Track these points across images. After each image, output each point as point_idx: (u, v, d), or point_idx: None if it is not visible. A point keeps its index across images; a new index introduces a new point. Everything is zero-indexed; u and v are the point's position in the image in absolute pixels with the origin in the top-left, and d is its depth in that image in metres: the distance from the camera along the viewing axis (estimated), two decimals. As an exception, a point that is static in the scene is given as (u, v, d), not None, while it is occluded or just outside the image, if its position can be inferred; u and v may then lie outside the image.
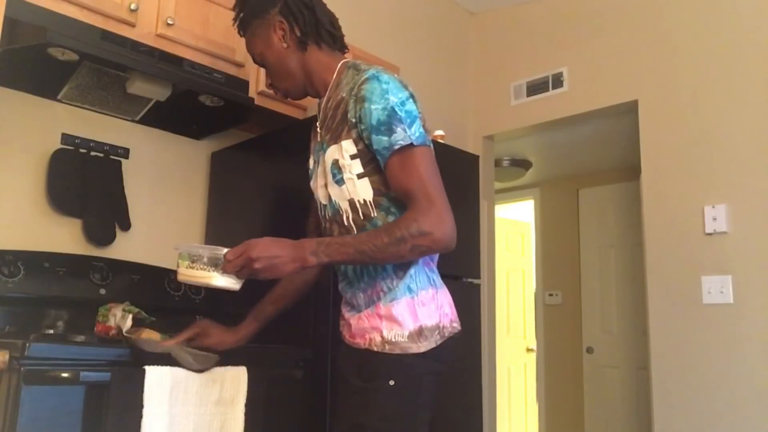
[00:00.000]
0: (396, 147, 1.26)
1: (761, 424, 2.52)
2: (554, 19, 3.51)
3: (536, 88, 3.51)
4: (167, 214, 2.40)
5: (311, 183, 1.50)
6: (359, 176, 1.32)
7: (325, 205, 1.42)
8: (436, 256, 1.40)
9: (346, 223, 1.36)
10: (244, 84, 2.25)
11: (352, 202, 1.34)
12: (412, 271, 1.32)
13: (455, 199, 2.47)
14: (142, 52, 1.96)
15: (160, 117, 2.28)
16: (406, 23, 3.46)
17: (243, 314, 2.23)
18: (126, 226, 2.24)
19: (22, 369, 1.33)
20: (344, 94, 1.35)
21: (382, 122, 1.26)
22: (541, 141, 4.20)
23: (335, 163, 1.34)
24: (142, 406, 1.42)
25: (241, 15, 1.47)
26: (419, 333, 1.28)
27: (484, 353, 3.28)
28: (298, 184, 2.13)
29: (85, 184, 2.13)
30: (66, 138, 2.13)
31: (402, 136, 1.26)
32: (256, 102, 2.23)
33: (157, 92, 2.04)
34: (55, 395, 1.37)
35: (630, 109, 3.15)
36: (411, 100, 1.31)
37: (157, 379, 1.45)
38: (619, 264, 4.52)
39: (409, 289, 1.31)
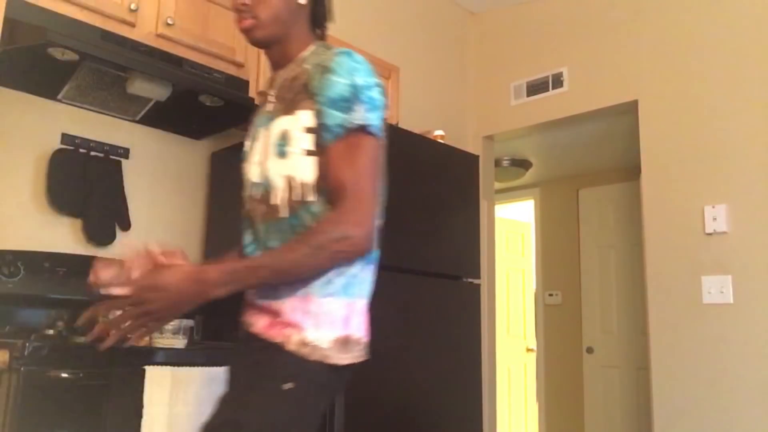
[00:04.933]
0: (351, 126, 1.13)
1: (761, 424, 2.52)
2: (554, 19, 3.51)
3: (536, 88, 3.51)
4: (167, 214, 2.40)
5: (244, 165, 1.35)
6: (308, 153, 1.16)
7: (255, 183, 1.26)
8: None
9: (276, 202, 1.18)
10: (244, 84, 2.25)
11: (289, 180, 1.17)
12: (354, 270, 1.16)
13: (455, 199, 2.48)
14: (142, 52, 1.96)
15: (160, 117, 2.28)
16: (406, 23, 3.46)
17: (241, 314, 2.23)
18: (126, 226, 2.24)
19: (22, 369, 1.33)
20: (307, 66, 1.23)
21: (343, 97, 1.14)
22: (541, 141, 4.20)
23: (283, 134, 1.19)
24: (142, 406, 1.42)
25: None
26: (345, 342, 1.12)
27: (484, 353, 3.28)
28: (298, 184, 2.13)
29: (85, 184, 2.13)
30: (66, 138, 2.13)
31: (361, 116, 1.14)
32: (256, 102, 2.23)
33: (157, 92, 2.04)
34: (55, 395, 1.37)
35: (630, 109, 3.15)
36: (378, 89, 1.19)
37: (157, 379, 1.46)
38: (619, 264, 4.52)
39: (348, 291, 1.15)
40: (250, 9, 1.24)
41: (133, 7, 1.96)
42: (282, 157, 1.18)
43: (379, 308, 1.81)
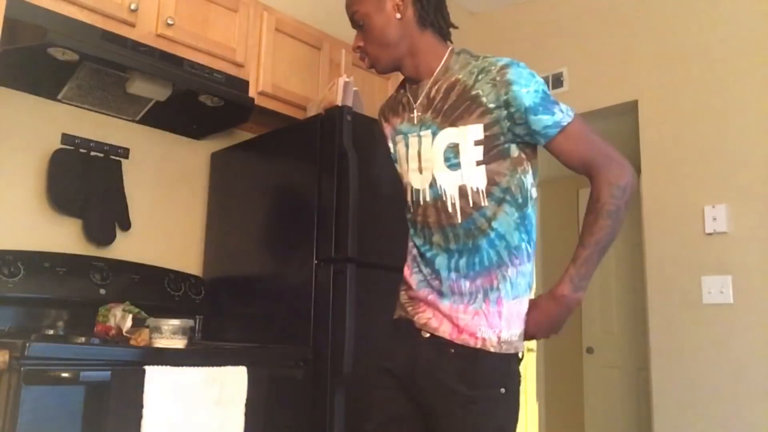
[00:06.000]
0: (563, 124, 1.28)
1: (761, 424, 2.52)
2: (554, 19, 3.51)
3: (536, 88, 3.50)
4: (167, 214, 2.40)
5: (397, 167, 1.46)
6: (477, 163, 1.28)
7: (418, 190, 1.36)
8: None
9: (450, 210, 1.30)
10: (244, 84, 2.25)
11: (462, 189, 1.29)
12: (528, 268, 1.31)
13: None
14: (142, 52, 1.96)
15: (160, 117, 2.28)
16: (406, 23, 3.45)
17: (241, 314, 2.23)
18: (126, 226, 2.24)
19: (22, 369, 1.33)
20: (459, 76, 1.32)
21: (538, 104, 1.27)
22: (541, 141, 4.19)
23: (453, 147, 1.30)
24: (142, 406, 1.42)
25: None
26: (523, 334, 1.30)
27: (484, 353, 3.28)
28: (298, 184, 2.13)
29: (85, 184, 2.13)
30: (66, 138, 2.13)
31: (562, 116, 1.28)
32: (256, 102, 2.23)
33: (157, 92, 2.04)
34: (55, 395, 1.37)
35: (630, 109, 3.15)
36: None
37: (157, 378, 1.45)
38: (619, 264, 4.52)
39: (526, 290, 1.31)
40: (363, 49, 1.40)
41: (133, 7, 1.96)
42: (453, 168, 1.30)
43: (380, 308, 1.81)
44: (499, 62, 1.31)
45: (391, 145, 1.48)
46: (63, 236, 2.10)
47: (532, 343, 5.16)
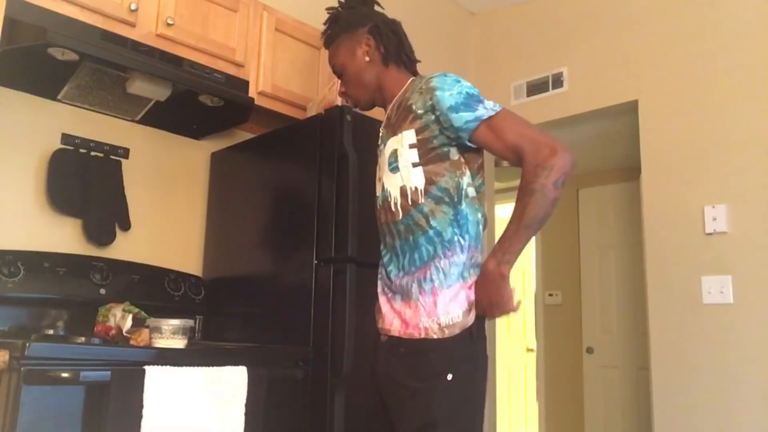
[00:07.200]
0: (484, 118, 1.35)
1: (761, 425, 2.52)
2: (554, 19, 3.51)
3: (536, 88, 3.50)
4: (167, 214, 2.40)
5: None
6: (414, 165, 1.40)
7: (377, 196, 1.52)
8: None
9: (393, 209, 1.44)
10: (244, 84, 2.25)
11: (403, 189, 1.42)
12: (463, 258, 1.37)
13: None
14: (142, 52, 1.96)
15: (160, 117, 2.28)
16: (406, 23, 3.44)
17: (241, 314, 2.23)
18: (126, 226, 2.24)
19: (22, 369, 1.33)
20: (407, 95, 1.48)
21: (459, 103, 1.36)
22: (541, 141, 4.18)
23: (393, 153, 1.45)
24: (142, 406, 1.42)
25: (331, 30, 1.64)
26: (470, 309, 1.36)
27: (484, 353, 3.28)
28: (298, 184, 2.13)
29: (85, 184, 2.13)
30: (66, 138, 2.13)
31: (485, 111, 1.36)
32: (256, 102, 2.23)
33: (157, 92, 2.04)
34: (55, 395, 1.38)
35: (630, 109, 3.15)
36: (473, 87, 1.42)
37: (157, 378, 1.46)
38: (619, 264, 4.52)
39: (464, 276, 1.37)
40: (347, 93, 1.63)
41: (133, 7, 1.96)
42: (394, 172, 1.44)
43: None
44: (430, 75, 1.44)
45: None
46: (63, 236, 2.10)
47: (532, 343, 5.17)
